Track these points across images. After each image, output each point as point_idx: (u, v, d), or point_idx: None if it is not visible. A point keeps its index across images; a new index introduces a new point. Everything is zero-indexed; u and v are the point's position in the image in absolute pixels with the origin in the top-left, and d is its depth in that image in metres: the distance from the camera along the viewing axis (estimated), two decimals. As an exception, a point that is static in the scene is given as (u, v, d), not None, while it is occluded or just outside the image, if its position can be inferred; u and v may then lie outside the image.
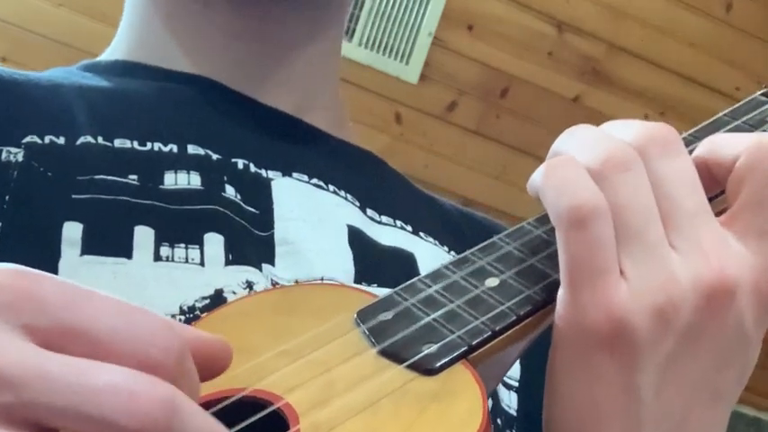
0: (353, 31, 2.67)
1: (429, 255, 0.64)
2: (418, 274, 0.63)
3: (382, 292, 0.60)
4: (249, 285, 0.55)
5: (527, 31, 2.75)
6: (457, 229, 0.70)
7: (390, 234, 0.65)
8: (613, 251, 0.43)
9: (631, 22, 2.80)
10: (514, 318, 0.43)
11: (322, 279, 0.58)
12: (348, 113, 0.74)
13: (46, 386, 0.31)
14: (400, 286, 0.45)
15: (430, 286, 0.45)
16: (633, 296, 0.42)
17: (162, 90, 0.65)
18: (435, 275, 0.46)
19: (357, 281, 0.59)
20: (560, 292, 0.44)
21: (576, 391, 0.44)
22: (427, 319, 0.43)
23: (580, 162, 0.45)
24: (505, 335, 0.43)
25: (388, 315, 0.44)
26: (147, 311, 0.34)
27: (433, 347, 0.42)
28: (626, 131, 0.46)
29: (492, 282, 0.45)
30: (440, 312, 0.43)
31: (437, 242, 0.67)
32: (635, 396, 0.43)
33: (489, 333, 0.43)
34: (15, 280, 0.33)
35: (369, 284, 0.60)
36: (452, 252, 0.67)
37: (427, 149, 2.74)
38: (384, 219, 0.66)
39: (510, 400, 0.61)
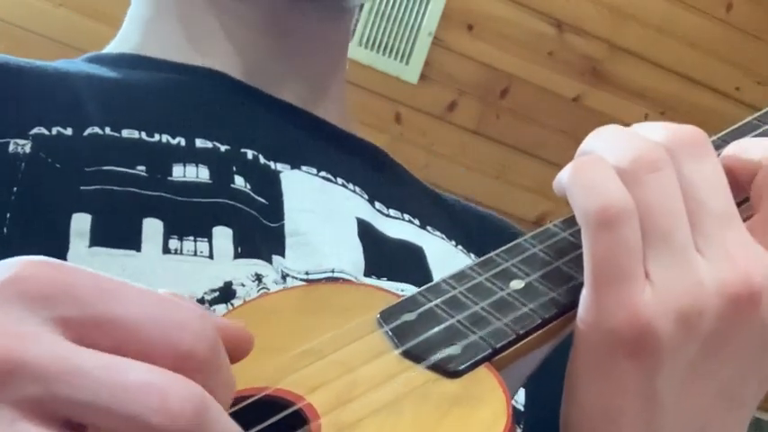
0: (353, 31, 2.67)
1: (437, 249, 0.64)
2: (427, 268, 0.62)
3: (395, 286, 0.58)
4: (258, 278, 0.54)
5: (527, 31, 2.75)
6: (464, 224, 0.70)
7: (399, 227, 0.64)
8: (639, 254, 0.42)
9: (631, 22, 2.80)
10: (539, 321, 0.43)
11: (333, 271, 0.57)
12: (350, 109, 0.74)
13: (77, 381, 0.31)
14: (424, 287, 0.45)
15: (454, 287, 0.44)
16: (658, 300, 0.42)
17: (170, 82, 0.65)
18: (460, 276, 0.45)
19: (367, 273, 0.59)
20: (583, 294, 0.43)
21: (595, 395, 0.43)
22: (451, 321, 0.42)
23: (609, 162, 0.44)
24: (530, 338, 0.43)
25: (411, 316, 0.43)
26: (178, 301, 0.34)
27: (457, 349, 0.41)
28: (655, 133, 0.45)
29: (517, 284, 0.44)
30: (464, 314, 0.43)
31: (444, 236, 0.66)
32: (655, 402, 0.43)
33: (514, 336, 0.42)
34: (47, 271, 0.33)
35: (378, 277, 0.59)
36: (460, 247, 0.66)
37: (427, 149, 2.73)
38: (392, 212, 0.65)
39: (518, 395, 0.61)
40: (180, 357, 0.32)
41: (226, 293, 0.53)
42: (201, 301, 0.52)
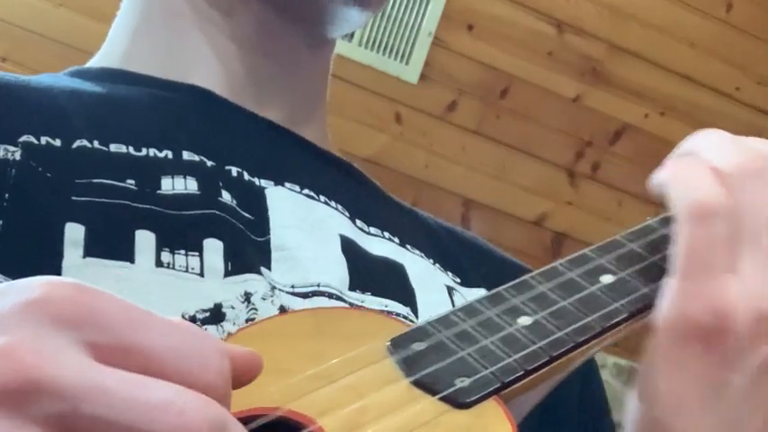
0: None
1: (417, 267, 0.65)
2: (409, 285, 0.63)
3: (380, 301, 0.59)
4: (247, 298, 0.55)
5: (527, 31, 2.75)
6: (441, 243, 0.71)
7: (379, 245, 0.65)
8: (730, 250, 0.45)
9: (631, 22, 2.80)
10: (546, 358, 0.44)
11: (318, 285, 0.58)
12: (329, 128, 0.75)
13: (102, 400, 0.31)
14: (433, 317, 0.46)
15: (464, 320, 0.46)
16: (741, 295, 0.44)
17: (154, 98, 0.65)
18: (469, 310, 0.46)
19: (352, 288, 0.60)
20: (670, 282, 0.45)
21: (668, 385, 0.45)
22: (461, 354, 0.44)
23: (712, 163, 0.47)
24: (536, 374, 0.44)
25: (421, 346, 0.44)
26: (199, 333, 0.35)
27: (467, 382, 0.42)
28: (760, 144, 0.48)
29: (525, 320, 0.46)
30: (473, 348, 0.44)
31: (423, 255, 0.67)
32: (722, 395, 0.45)
33: (521, 372, 0.43)
34: (78, 295, 0.33)
35: (363, 292, 0.60)
36: (437, 265, 0.67)
37: (427, 149, 2.73)
38: (373, 230, 0.67)
39: None
40: (201, 389, 0.33)
41: (216, 315, 0.54)
42: (193, 319, 0.53)
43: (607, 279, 0.48)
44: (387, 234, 0.67)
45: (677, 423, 0.45)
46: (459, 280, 0.67)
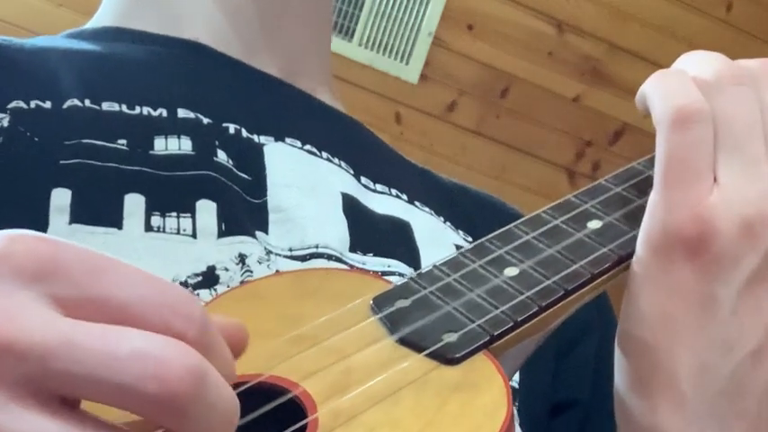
0: (353, 31, 2.67)
1: (425, 224, 0.63)
2: (414, 244, 0.61)
3: (382, 261, 0.57)
4: (242, 259, 0.54)
5: (527, 31, 2.75)
6: (452, 200, 0.69)
7: (385, 202, 0.63)
8: (711, 157, 0.43)
9: (631, 22, 2.80)
10: (536, 309, 0.43)
11: (317, 246, 0.57)
12: (337, 87, 0.73)
13: (71, 355, 0.29)
14: (416, 273, 0.44)
15: (448, 275, 0.44)
16: (724, 203, 0.43)
17: (150, 54, 0.63)
18: (453, 263, 0.45)
19: (352, 249, 0.58)
20: (652, 194, 0.44)
21: (654, 300, 0.44)
22: (447, 308, 0.42)
23: (694, 73, 0.46)
24: (527, 325, 0.42)
25: (405, 303, 0.42)
26: (168, 282, 0.33)
27: (454, 337, 0.41)
28: (742, 61, 0.48)
29: (511, 271, 0.44)
30: (459, 301, 0.42)
31: (432, 212, 0.65)
32: (711, 310, 0.43)
33: (511, 324, 0.42)
34: (39, 247, 0.32)
35: (364, 253, 0.59)
36: (448, 223, 0.65)
37: (427, 149, 2.73)
38: (379, 187, 0.64)
39: None
40: (169, 335, 0.31)
41: (209, 278, 0.52)
42: (185, 284, 0.51)
43: (594, 224, 0.47)
44: (394, 191, 0.65)
45: (665, 344, 0.43)
46: (471, 239, 0.64)
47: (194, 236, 0.53)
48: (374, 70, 2.69)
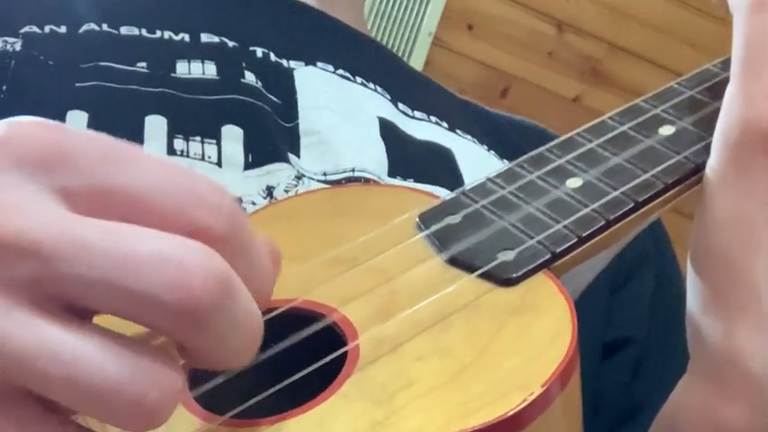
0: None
1: (468, 152, 0.59)
2: (458, 171, 0.56)
3: (424, 188, 0.52)
4: (269, 192, 0.50)
5: (527, 31, 2.75)
6: (495, 129, 0.65)
7: (425, 129, 0.59)
8: None
9: (631, 22, 2.80)
10: (603, 222, 0.38)
11: (353, 170, 0.53)
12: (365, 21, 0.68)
13: (81, 257, 0.26)
14: (466, 186, 0.40)
15: (503, 187, 0.40)
16: None
17: None
18: (508, 175, 0.40)
19: (391, 174, 0.54)
20: (729, 86, 0.39)
21: (729, 209, 0.39)
22: (502, 224, 0.38)
23: None
24: (591, 242, 0.38)
25: (455, 219, 0.38)
26: (191, 171, 0.29)
27: (511, 255, 0.36)
28: None
29: (574, 182, 0.40)
30: (516, 216, 0.38)
31: (475, 140, 0.61)
32: None
33: (575, 239, 0.37)
34: (45, 134, 0.28)
35: (404, 178, 0.54)
36: (492, 152, 0.61)
37: (427, 149, 2.73)
38: (417, 114, 0.60)
39: None
40: (196, 232, 0.27)
41: None
42: None
43: (666, 130, 0.42)
44: (434, 118, 0.60)
45: (743, 256, 0.38)
46: None
47: (219, 164, 0.50)
48: (374, 70, 2.68)
